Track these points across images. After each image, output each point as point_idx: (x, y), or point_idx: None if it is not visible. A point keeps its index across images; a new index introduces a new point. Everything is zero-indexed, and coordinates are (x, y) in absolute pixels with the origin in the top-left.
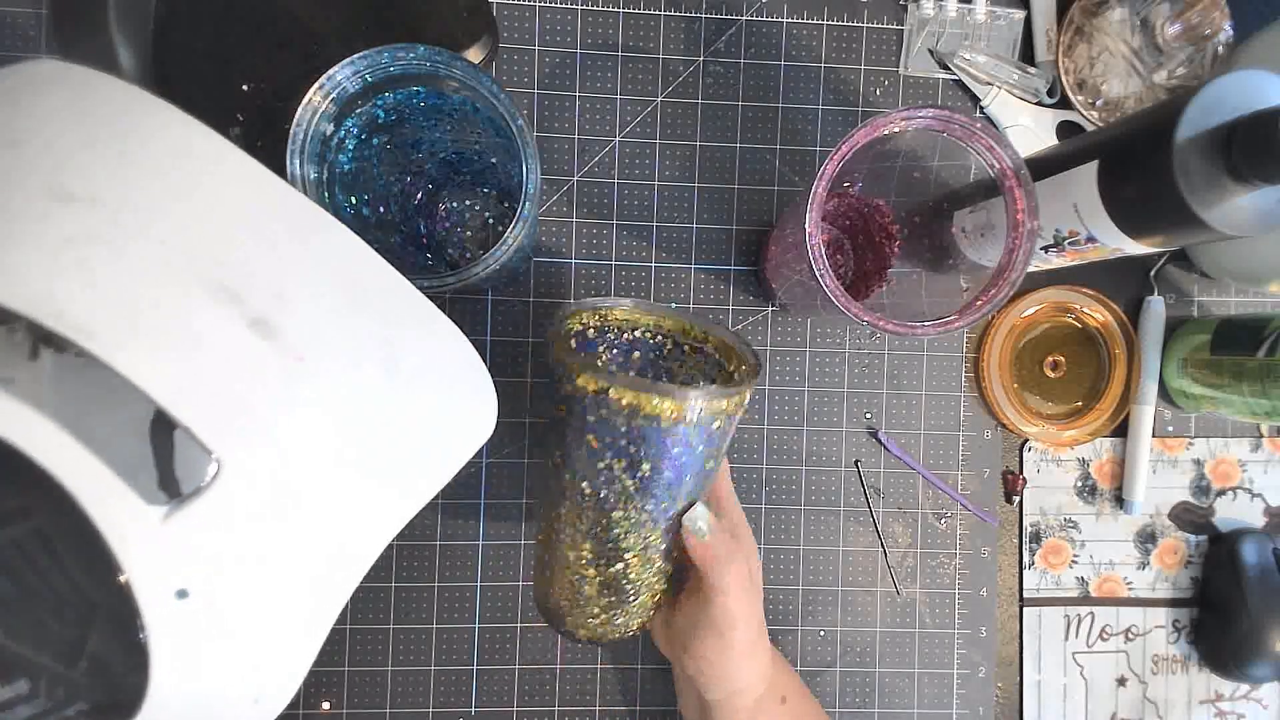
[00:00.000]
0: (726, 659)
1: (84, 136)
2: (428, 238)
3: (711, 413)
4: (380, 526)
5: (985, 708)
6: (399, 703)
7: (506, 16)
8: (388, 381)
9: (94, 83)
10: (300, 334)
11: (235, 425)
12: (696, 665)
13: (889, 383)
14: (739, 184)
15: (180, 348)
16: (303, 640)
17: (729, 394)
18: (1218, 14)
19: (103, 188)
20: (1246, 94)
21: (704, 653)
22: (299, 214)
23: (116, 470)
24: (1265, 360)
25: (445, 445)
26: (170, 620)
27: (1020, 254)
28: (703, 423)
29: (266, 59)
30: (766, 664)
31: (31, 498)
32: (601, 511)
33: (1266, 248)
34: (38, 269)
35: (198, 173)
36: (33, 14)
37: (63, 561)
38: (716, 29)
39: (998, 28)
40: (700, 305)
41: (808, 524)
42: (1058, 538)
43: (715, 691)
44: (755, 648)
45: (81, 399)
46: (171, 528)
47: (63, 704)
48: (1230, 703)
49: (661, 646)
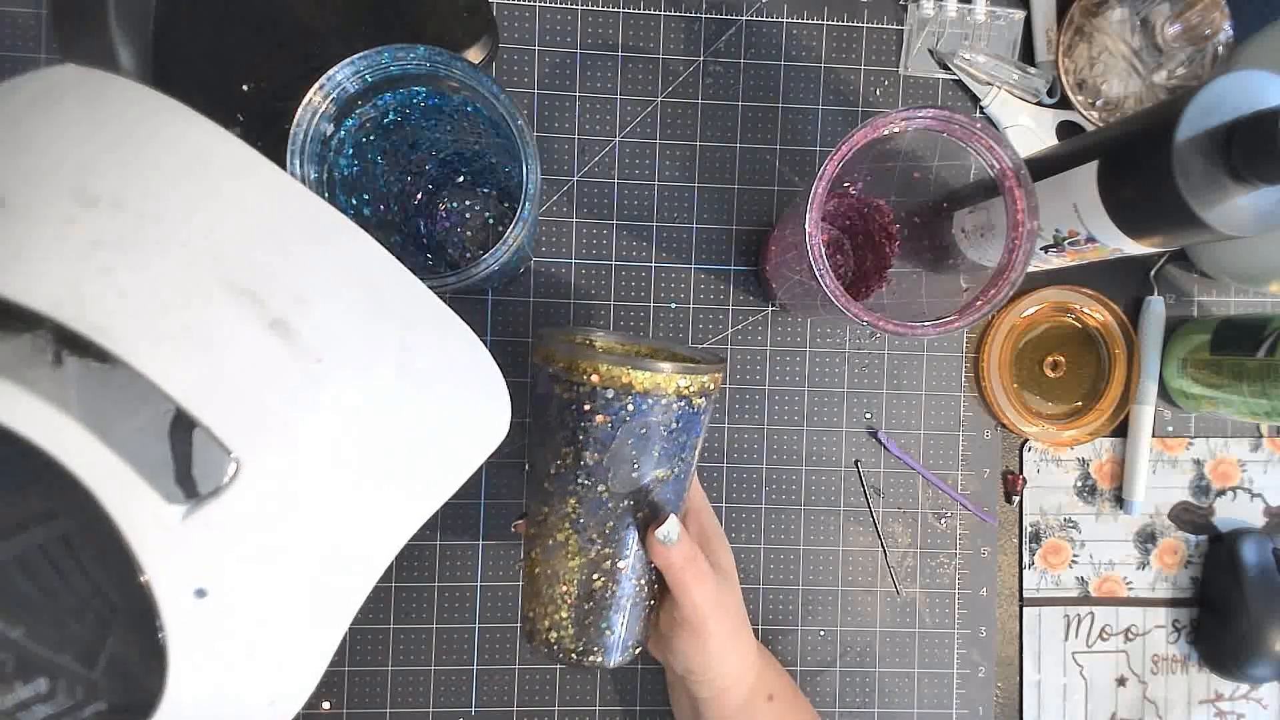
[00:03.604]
0: (705, 654)
1: (106, 141)
2: (428, 238)
3: (668, 390)
4: (396, 527)
5: (985, 708)
6: (399, 703)
7: (506, 16)
8: (403, 383)
9: (114, 88)
10: (318, 336)
11: (254, 426)
12: (680, 662)
13: (889, 383)
14: (739, 184)
15: (202, 349)
16: (318, 641)
17: (688, 371)
18: (1218, 14)
19: (126, 192)
20: (1246, 94)
21: (682, 649)
22: (317, 218)
23: (137, 470)
24: (1265, 360)
25: (460, 446)
26: (189, 620)
27: (1020, 254)
28: (659, 397)
29: (266, 59)
30: (749, 658)
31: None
32: (566, 495)
33: (1266, 248)
34: (63, 272)
35: (219, 177)
36: (33, 14)
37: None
38: (716, 29)
39: (998, 28)
40: (700, 305)
41: (808, 524)
42: (1058, 538)
43: (703, 689)
44: (733, 641)
45: (103, 402)
46: (191, 527)
47: (81, 704)
48: (1230, 703)
49: (652, 650)
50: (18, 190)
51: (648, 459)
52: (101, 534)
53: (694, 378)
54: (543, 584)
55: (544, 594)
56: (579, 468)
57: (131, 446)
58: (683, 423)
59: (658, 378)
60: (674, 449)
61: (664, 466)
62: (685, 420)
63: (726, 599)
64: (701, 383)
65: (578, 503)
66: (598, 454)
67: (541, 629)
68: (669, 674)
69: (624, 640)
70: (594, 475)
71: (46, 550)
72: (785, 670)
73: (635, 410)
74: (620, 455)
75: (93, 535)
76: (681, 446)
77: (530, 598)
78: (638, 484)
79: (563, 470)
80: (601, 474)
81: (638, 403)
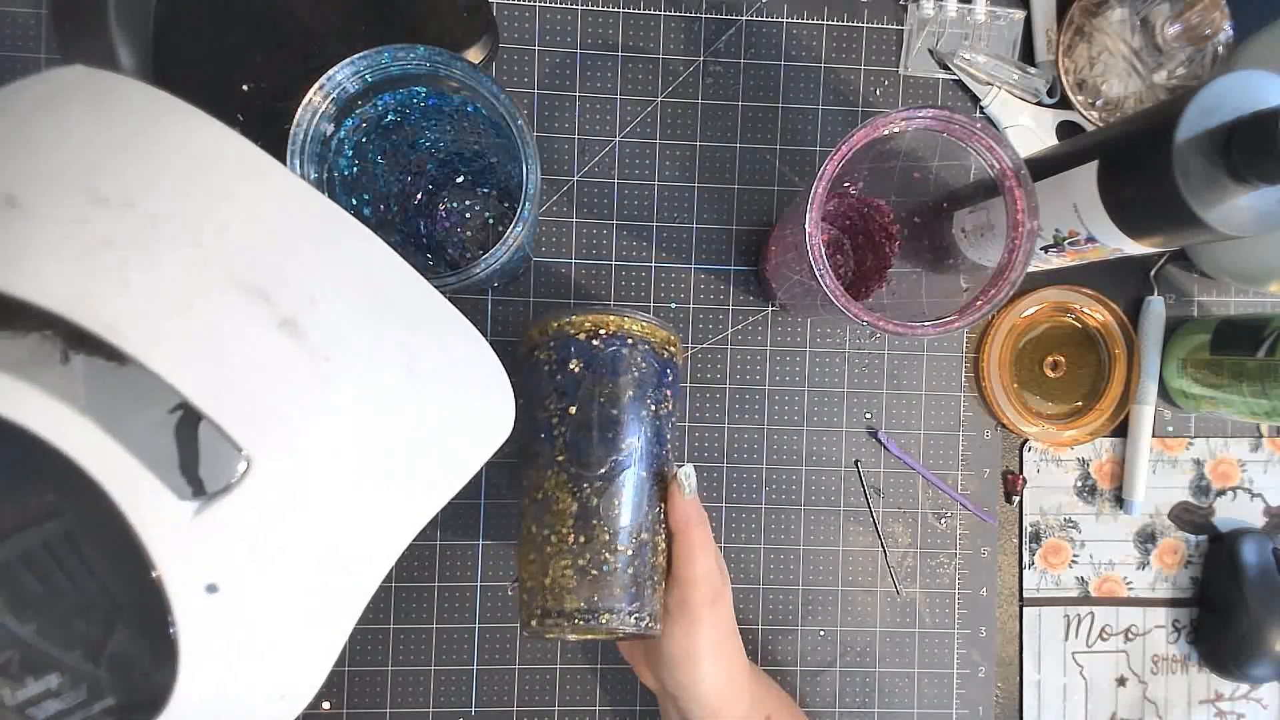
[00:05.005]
0: (694, 652)
1: (117, 142)
2: (428, 238)
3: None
4: (402, 523)
5: (985, 708)
6: (399, 703)
7: (506, 16)
8: (410, 382)
9: (123, 89)
10: (327, 335)
11: (264, 423)
12: (669, 669)
13: (889, 383)
14: (739, 184)
15: (212, 347)
16: (327, 637)
17: (640, 319)
18: (1218, 14)
19: (137, 192)
20: (1246, 94)
21: (671, 649)
22: (325, 219)
23: (148, 467)
24: (1265, 360)
25: (465, 444)
26: (199, 615)
27: (1020, 254)
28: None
29: (266, 59)
30: (740, 675)
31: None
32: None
33: (1266, 248)
34: (74, 271)
35: (229, 178)
36: (33, 14)
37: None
38: (716, 29)
39: (998, 28)
40: (700, 305)
41: (808, 524)
42: (1057, 538)
43: (694, 707)
44: (723, 648)
45: (112, 400)
46: (202, 523)
47: (90, 700)
48: (1230, 703)
49: (642, 673)
50: (28, 190)
51: (624, 400)
52: (110, 530)
53: (645, 324)
54: (542, 547)
55: (545, 558)
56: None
57: (142, 443)
58: (648, 366)
59: (612, 318)
60: (645, 394)
61: (643, 408)
62: (648, 361)
63: (723, 597)
64: (648, 327)
65: (565, 447)
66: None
67: (540, 602)
68: (661, 704)
69: (631, 593)
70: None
71: (53, 547)
72: (782, 690)
73: (604, 349)
74: (598, 393)
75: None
76: (654, 400)
77: (527, 565)
78: (619, 428)
79: (548, 420)
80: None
81: (609, 343)
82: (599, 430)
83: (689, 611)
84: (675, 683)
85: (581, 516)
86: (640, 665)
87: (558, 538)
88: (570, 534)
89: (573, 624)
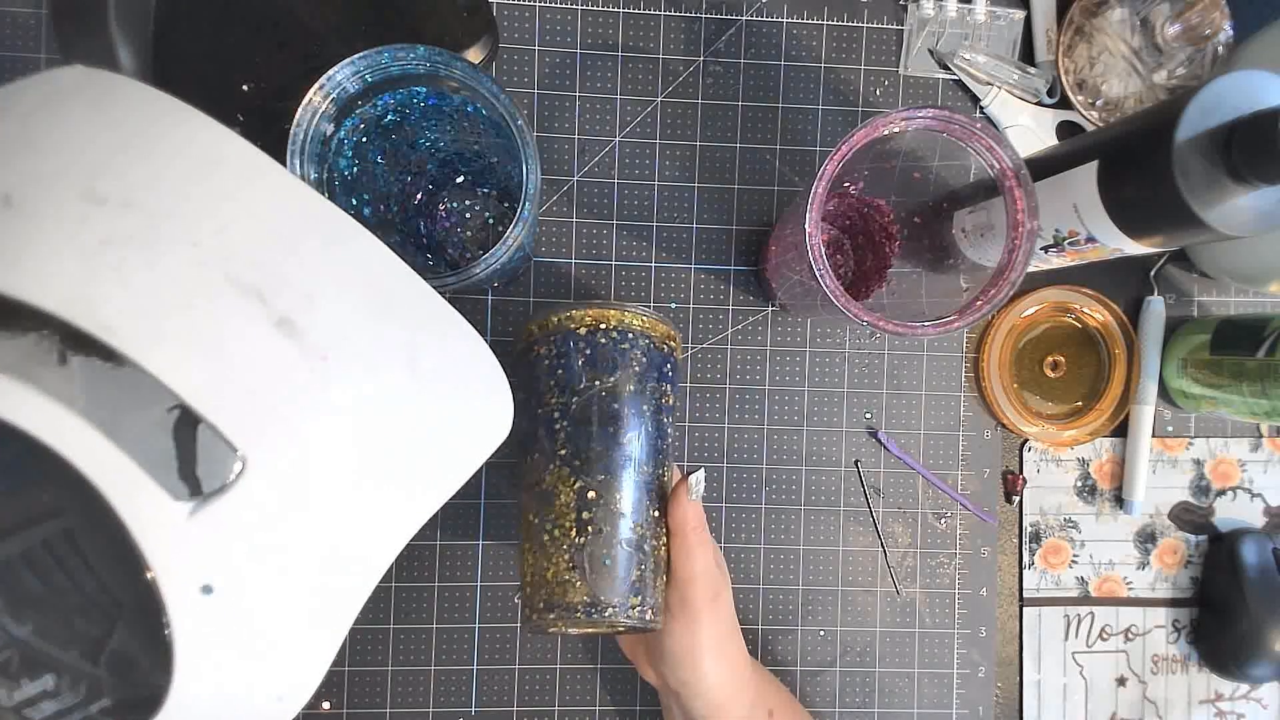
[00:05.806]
0: (696, 649)
1: (116, 142)
2: (428, 238)
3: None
4: (399, 524)
5: (985, 708)
6: (399, 703)
7: (506, 16)
8: (408, 382)
9: (123, 89)
10: (324, 335)
11: (261, 423)
12: (671, 665)
13: (889, 383)
14: (739, 184)
15: (210, 348)
16: (324, 637)
17: (637, 312)
18: (1218, 14)
19: (136, 192)
20: (1246, 94)
21: (673, 646)
22: (324, 219)
23: (143, 467)
24: (1265, 360)
25: (462, 445)
26: (195, 616)
27: (1020, 254)
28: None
29: (266, 59)
30: (742, 671)
31: (59, 496)
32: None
33: (1266, 248)
34: (72, 271)
35: (229, 179)
36: (33, 14)
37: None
38: (716, 29)
39: (998, 28)
40: (700, 305)
41: (808, 524)
42: (1057, 538)
43: (697, 703)
44: (724, 645)
45: (108, 401)
46: (197, 524)
47: (87, 700)
48: (1230, 703)
49: (643, 668)
50: (26, 190)
51: (625, 394)
52: (107, 531)
53: (645, 318)
54: (543, 541)
55: (547, 552)
56: (561, 410)
57: (137, 444)
58: (648, 360)
59: (612, 313)
60: (646, 387)
61: (643, 402)
62: (648, 355)
63: (723, 594)
64: (648, 321)
65: (565, 441)
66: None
67: (542, 596)
68: (663, 700)
69: (633, 585)
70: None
71: (51, 547)
72: (784, 686)
73: (605, 344)
74: (598, 388)
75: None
76: (655, 394)
77: (529, 560)
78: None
79: (549, 415)
80: (586, 402)
81: (609, 338)
82: (599, 424)
83: (690, 609)
84: (678, 680)
85: (583, 510)
86: (642, 662)
87: (560, 531)
88: (572, 528)
89: (575, 618)
